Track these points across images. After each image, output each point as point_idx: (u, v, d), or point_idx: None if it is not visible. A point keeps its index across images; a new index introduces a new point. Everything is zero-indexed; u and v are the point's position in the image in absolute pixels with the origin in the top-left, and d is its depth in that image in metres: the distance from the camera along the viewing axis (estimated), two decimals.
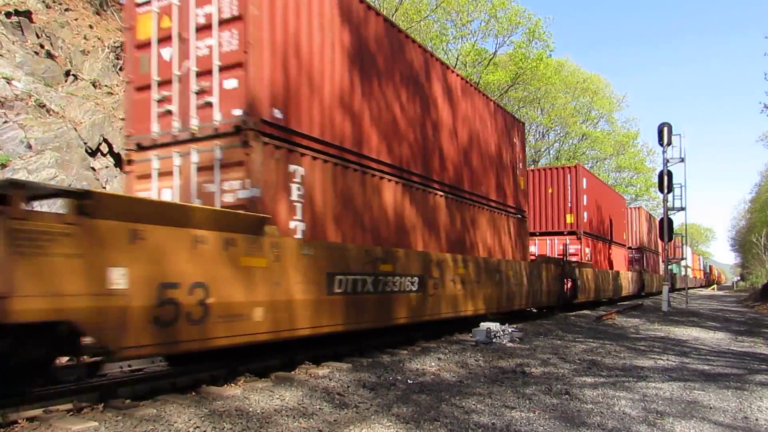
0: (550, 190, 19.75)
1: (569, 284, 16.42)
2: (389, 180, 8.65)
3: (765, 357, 9.54)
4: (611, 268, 23.26)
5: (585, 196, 20.15)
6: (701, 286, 75.10)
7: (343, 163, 7.62)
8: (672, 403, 5.81)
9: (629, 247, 27.87)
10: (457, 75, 11.32)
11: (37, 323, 3.91)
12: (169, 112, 6.70)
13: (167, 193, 6.66)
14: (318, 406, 5.05)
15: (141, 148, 6.88)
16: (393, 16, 29.25)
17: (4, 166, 10.26)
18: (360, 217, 7.91)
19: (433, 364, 7.47)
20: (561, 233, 19.89)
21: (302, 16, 7.07)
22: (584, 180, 20.38)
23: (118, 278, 4.38)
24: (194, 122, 6.50)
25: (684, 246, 37.96)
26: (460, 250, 10.70)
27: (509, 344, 9.58)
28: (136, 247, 4.52)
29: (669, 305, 20.64)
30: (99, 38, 13.99)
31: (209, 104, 6.44)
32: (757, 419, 5.29)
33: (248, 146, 6.15)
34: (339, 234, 7.46)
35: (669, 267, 36.58)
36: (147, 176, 6.78)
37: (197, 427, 4.29)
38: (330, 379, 6.08)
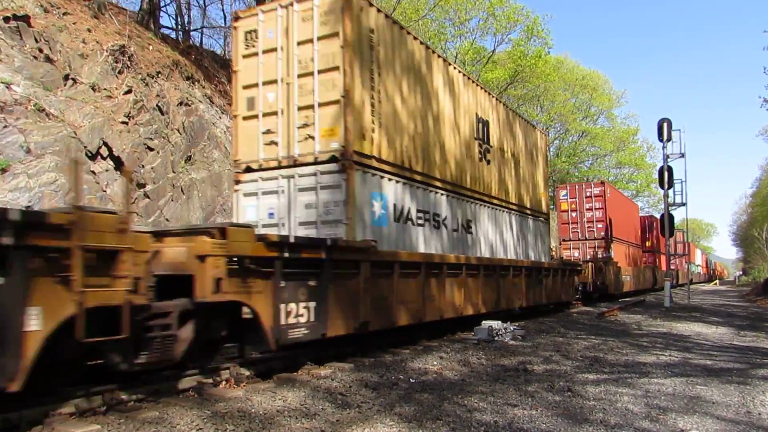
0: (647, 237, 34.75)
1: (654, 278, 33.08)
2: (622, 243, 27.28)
3: (767, 351, 9.53)
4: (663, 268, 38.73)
5: (656, 231, 35.46)
6: (704, 282, 75.11)
7: None
8: (674, 398, 5.80)
9: (675, 255, 39.91)
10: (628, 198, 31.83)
11: None
12: None
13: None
14: (320, 407, 5.06)
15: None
16: (391, 15, 29.24)
17: (3, 170, 10.27)
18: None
19: (435, 362, 7.47)
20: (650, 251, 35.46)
21: None
22: (655, 223, 35.77)
23: None
24: None
25: (688, 244, 41.44)
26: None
27: (511, 342, 9.58)
28: None
29: (671, 301, 20.61)
30: (98, 42, 14.00)
31: None
32: (759, 413, 5.29)
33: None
34: None
35: (687, 266, 45.11)
36: None
37: (200, 429, 4.29)
38: (332, 380, 6.09)
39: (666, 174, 21.61)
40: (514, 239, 13.69)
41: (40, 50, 12.32)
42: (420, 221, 9.51)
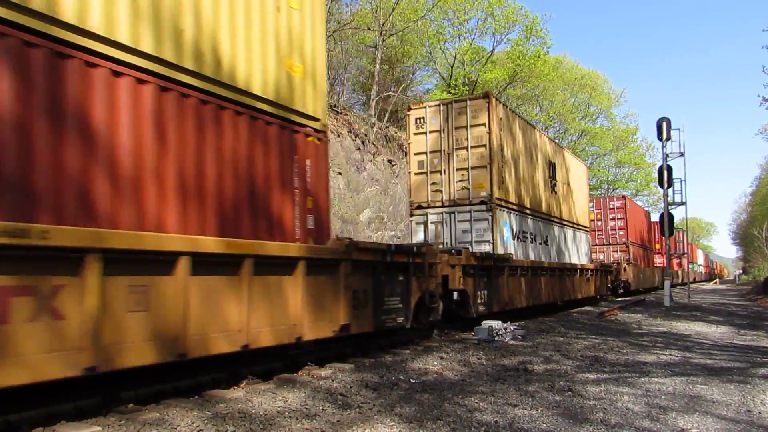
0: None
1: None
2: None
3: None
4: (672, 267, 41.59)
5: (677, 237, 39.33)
6: (704, 281, 75.22)
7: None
8: (675, 397, 5.80)
9: (677, 254, 42.77)
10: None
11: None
12: None
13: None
14: (321, 407, 5.06)
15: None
16: (390, 16, 29.25)
17: None
18: None
19: (435, 363, 7.47)
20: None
21: None
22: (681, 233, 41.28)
23: None
24: None
25: (690, 245, 43.46)
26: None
27: (511, 342, 9.58)
28: None
29: (671, 300, 20.62)
30: None
31: None
32: (760, 412, 5.29)
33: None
34: None
35: (690, 266, 48.05)
36: None
37: (200, 430, 4.29)
38: (333, 380, 6.09)
39: (665, 173, 21.61)
40: (571, 247, 18.87)
41: None
42: (523, 239, 14.40)
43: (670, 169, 21.81)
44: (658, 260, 37.41)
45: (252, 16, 6.08)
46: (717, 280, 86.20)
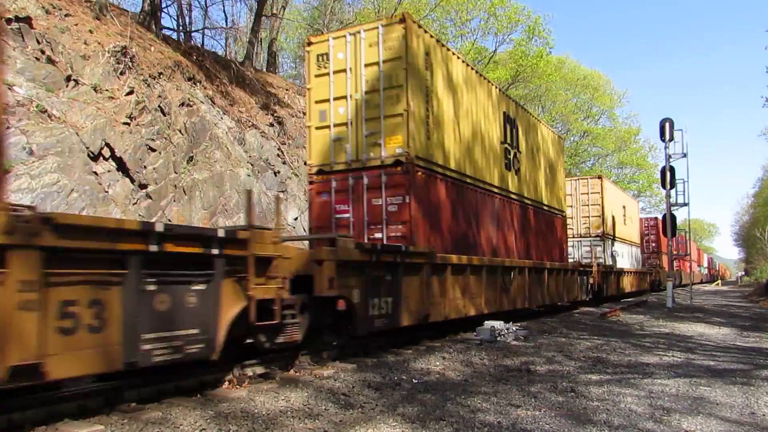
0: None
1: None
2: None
3: None
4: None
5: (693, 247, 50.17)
6: (706, 282, 75.13)
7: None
8: (678, 399, 5.79)
9: (680, 255, 48.99)
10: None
11: None
12: None
13: None
14: (323, 407, 5.05)
15: None
16: (391, 16, 29.38)
17: (6, 172, 10.27)
18: None
19: (438, 363, 7.46)
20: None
21: None
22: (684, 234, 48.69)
23: None
24: None
25: (699, 251, 47.06)
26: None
27: (514, 342, 9.57)
28: None
29: (673, 301, 20.58)
30: (99, 43, 14.01)
31: None
32: (764, 414, 5.27)
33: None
34: None
35: (698, 268, 52.69)
36: None
37: (203, 429, 4.29)
38: (335, 380, 6.08)
39: (668, 174, 21.56)
40: (633, 257, 29.50)
41: (42, 52, 12.33)
42: (616, 254, 24.74)
43: (672, 170, 21.76)
44: (677, 263, 43.73)
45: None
46: (719, 281, 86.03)
